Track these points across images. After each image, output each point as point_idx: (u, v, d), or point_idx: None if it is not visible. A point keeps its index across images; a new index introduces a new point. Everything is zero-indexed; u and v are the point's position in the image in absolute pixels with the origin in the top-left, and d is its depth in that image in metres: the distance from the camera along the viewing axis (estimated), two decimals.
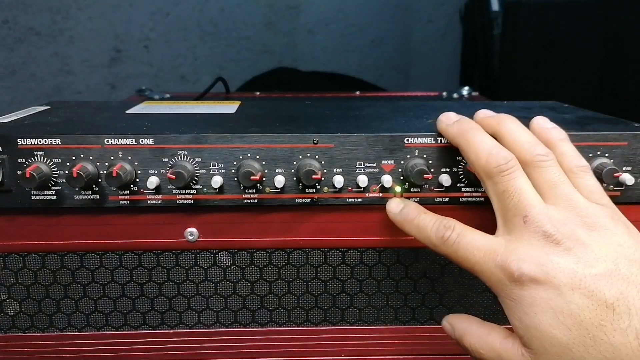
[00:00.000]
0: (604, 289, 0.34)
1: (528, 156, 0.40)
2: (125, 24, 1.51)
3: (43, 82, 1.50)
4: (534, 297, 0.35)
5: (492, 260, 0.37)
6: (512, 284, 0.36)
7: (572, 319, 0.34)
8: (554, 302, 0.35)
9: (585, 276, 0.34)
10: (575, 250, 0.36)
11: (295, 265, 0.50)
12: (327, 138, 0.45)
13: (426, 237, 0.42)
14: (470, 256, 0.39)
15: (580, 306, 0.34)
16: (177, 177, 0.43)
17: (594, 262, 0.35)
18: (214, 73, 1.52)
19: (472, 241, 0.39)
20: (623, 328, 0.33)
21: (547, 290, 0.35)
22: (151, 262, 0.49)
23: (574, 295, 0.34)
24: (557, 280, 0.35)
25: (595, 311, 0.34)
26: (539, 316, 0.35)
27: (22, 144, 0.44)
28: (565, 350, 0.34)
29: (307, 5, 1.59)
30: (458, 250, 0.39)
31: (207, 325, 0.51)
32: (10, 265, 0.48)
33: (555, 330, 0.34)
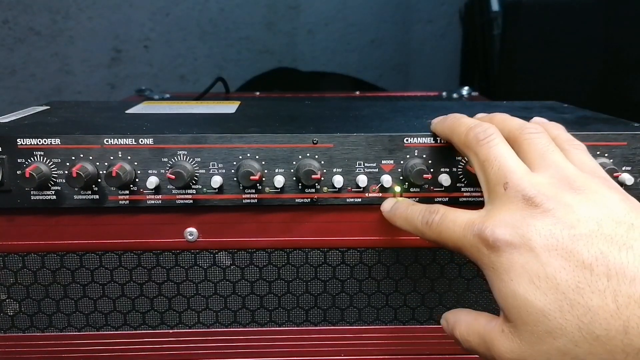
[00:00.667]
0: (582, 250, 0.31)
1: (517, 131, 0.38)
2: (125, 24, 1.51)
3: (43, 82, 1.50)
4: (510, 262, 0.33)
5: (470, 231, 0.35)
6: (489, 251, 0.34)
7: (547, 283, 0.31)
8: (530, 266, 0.32)
9: (563, 237, 0.32)
10: (555, 212, 0.33)
11: (295, 265, 0.50)
12: (326, 138, 0.45)
13: (414, 227, 0.41)
14: (452, 233, 0.37)
15: (556, 268, 0.31)
16: (177, 177, 0.43)
17: (574, 223, 0.32)
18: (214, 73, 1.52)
19: (453, 219, 0.37)
20: (601, 290, 0.30)
21: (522, 253, 0.33)
22: (151, 262, 0.49)
23: (550, 257, 0.32)
24: (532, 242, 0.32)
25: (572, 273, 0.31)
26: (514, 282, 0.33)
27: (21, 144, 0.44)
28: (541, 317, 0.31)
29: (307, 5, 1.59)
30: (441, 231, 0.38)
31: (207, 325, 0.51)
32: (10, 265, 0.48)
33: (531, 296, 0.32)
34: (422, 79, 1.69)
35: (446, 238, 0.38)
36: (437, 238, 0.39)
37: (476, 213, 0.37)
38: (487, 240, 0.34)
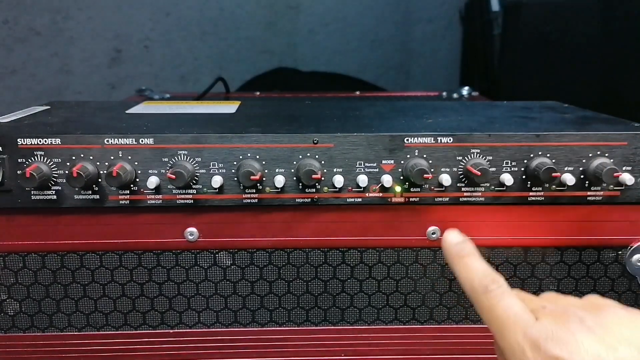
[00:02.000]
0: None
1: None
2: (125, 24, 1.51)
3: (43, 82, 1.50)
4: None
5: (523, 328, 0.37)
6: (536, 357, 0.35)
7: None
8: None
9: (607, 358, 0.34)
10: (596, 330, 0.35)
11: (296, 265, 0.50)
12: (327, 138, 0.45)
13: (469, 279, 0.41)
14: (504, 317, 0.38)
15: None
16: (177, 177, 0.43)
17: (615, 345, 0.35)
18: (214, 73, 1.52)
19: (512, 304, 0.38)
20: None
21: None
22: (151, 262, 0.49)
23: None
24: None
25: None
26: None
27: (22, 143, 0.44)
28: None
29: (307, 5, 1.59)
30: (496, 306, 0.39)
31: (207, 325, 0.51)
32: (10, 265, 0.48)
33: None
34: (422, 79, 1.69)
35: (496, 316, 0.38)
36: (487, 308, 0.39)
37: (528, 313, 0.38)
38: (539, 347, 0.35)
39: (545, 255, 0.50)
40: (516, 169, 0.46)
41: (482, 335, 0.52)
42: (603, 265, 0.50)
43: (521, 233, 0.49)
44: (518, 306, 0.38)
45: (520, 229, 0.49)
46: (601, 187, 0.47)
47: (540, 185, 0.47)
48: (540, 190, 0.47)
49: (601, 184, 0.47)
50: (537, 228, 0.49)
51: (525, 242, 0.49)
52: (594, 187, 0.47)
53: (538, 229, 0.49)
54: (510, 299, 0.39)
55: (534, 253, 0.50)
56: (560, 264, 0.50)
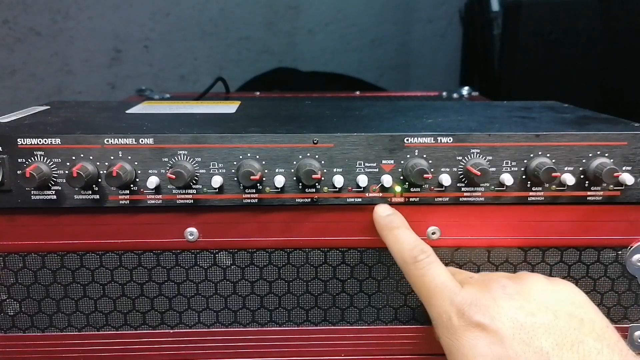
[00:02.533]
0: (541, 338, 0.36)
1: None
2: (125, 24, 1.51)
3: (43, 82, 1.50)
4: (476, 340, 0.37)
5: (449, 296, 0.39)
6: (461, 322, 0.38)
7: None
8: (495, 348, 0.36)
9: (525, 324, 0.37)
10: (516, 297, 0.38)
11: (295, 265, 0.50)
12: (327, 138, 0.45)
13: (399, 251, 0.43)
14: (432, 286, 0.40)
15: (517, 353, 0.36)
16: (177, 177, 0.43)
17: (535, 311, 0.37)
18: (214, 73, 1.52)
19: (439, 273, 0.41)
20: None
21: (490, 336, 0.37)
22: (151, 262, 0.49)
23: (513, 342, 0.36)
24: (500, 325, 0.37)
25: (531, 358, 0.35)
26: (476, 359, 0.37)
27: (22, 143, 0.44)
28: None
29: (307, 5, 1.59)
30: (425, 275, 0.41)
31: (207, 325, 0.51)
32: (11, 265, 0.48)
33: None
34: (422, 79, 1.69)
35: (424, 284, 0.41)
36: (416, 278, 0.42)
37: (456, 283, 0.40)
38: (463, 313, 0.38)
39: (545, 255, 0.50)
40: (516, 169, 0.46)
41: None
42: (603, 265, 0.50)
43: (521, 233, 0.49)
44: (445, 275, 0.41)
45: (520, 229, 0.49)
46: (601, 187, 0.47)
47: (540, 185, 0.47)
48: (540, 190, 0.47)
49: (601, 184, 0.47)
50: (537, 228, 0.49)
51: (525, 242, 0.49)
52: (594, 187, 0.47)
53: (538, 229, 0.49)
54: (438, 269, 0.41)
55: (534, 253, 0.50)
56: (560, 264, 0.50)
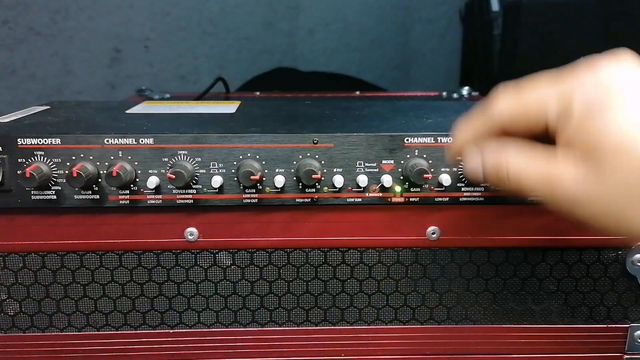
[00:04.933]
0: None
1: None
2: (125, 24, 1.51)
3: (43, 82, 1.50)
4: (626, 97, 0.30)
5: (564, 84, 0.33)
6: (600, 89, 0.31)
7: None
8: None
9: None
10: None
11: (295, 265, 0.50)
12: (327, 138, 0.45)
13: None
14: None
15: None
16: (177, 177, 0.43)
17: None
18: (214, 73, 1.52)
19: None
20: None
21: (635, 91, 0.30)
22: (151, 262, 0.49)
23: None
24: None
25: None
26: (626, 118, 0.29)
27: (22, 143, 0.44)
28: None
29: (307, 5, 1.59)
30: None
31: (207, 325, 0.51)
32: (11, 265, 0.48)
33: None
34: (422, 79, 1.69)
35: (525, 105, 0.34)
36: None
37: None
38: (598, 77, 0.31)
39: (545, 255, 0.50)
40: None
41: (482, 335, 0.52)
42: (603, 265, 0.50)
43: (521, 233, 0.49)
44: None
45: (520, 229, 0.49)
46: None
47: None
48: None
49: None
50: (537, 228, 0.49)
51: (525, 242, 0.49)
52: None
53: (538, 229, 0.49)
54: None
55: (534, 253, 0.50)
56: (560, 264, 0.50)
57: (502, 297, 0.51)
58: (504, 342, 0.52)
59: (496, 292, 0.51)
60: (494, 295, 0.51)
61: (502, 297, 0.51)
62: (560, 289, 0.51)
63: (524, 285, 0.50)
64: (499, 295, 0.51)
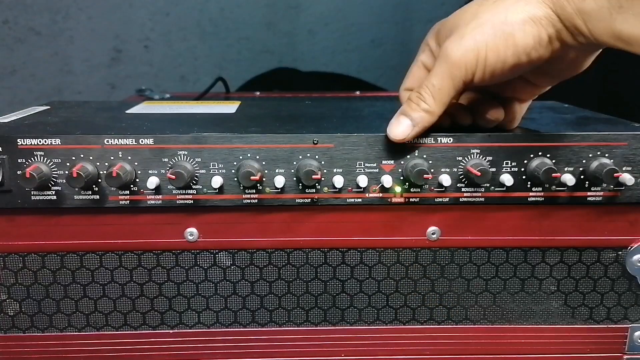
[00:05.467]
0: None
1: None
2: (125, 24, 1.51)
3: (43, 82, 1.50)
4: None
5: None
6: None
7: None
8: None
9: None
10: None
11: (295, 265, 0.50)
12: (327, 138, 0.45)
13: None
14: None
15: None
16: (177, 177, 0.43)
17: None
18: (214, 73, 1.52)
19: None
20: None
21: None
22: (151, 262, 0.49)
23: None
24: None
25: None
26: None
27: (22, 144, 0.44)
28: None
29: (307, 5, 1.59)
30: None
31: (207, 325, 0.51)
32: (10, 265, 0.48)
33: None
34: None
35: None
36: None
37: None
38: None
39: (545, 255, 0.50)
40: (516, 169, 0.46)
41: (482, 335, 0.52)
42: (603, 265, 0.50)
43: (521, 233, 0.49)
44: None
45: (520, 229, 0.49)
46: (601, 188, 0.47)
47: (540, 185, 0.47)
48: (540, 190, 0.47)
49: (601, 184, 0.47)
50: (537, 228, 0.49)
51: (525, 242, 0.49)
52: (594, 188, 0.47)
53: (538, 229, 0.49)
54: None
55: (534, 253, 0.50)
56: (560, 264, 0.50)
57: (502, 297, 0.51)
58: (504, 342, 0.52)
59: (496, 292, 0.51)
60: (494, 295, 0.51)
61: (502, 297, 0.51)
62: (560, 290, 0.51)
63: (524, 285, 0.50)
64: (499, 295, 0.51)
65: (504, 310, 0.51)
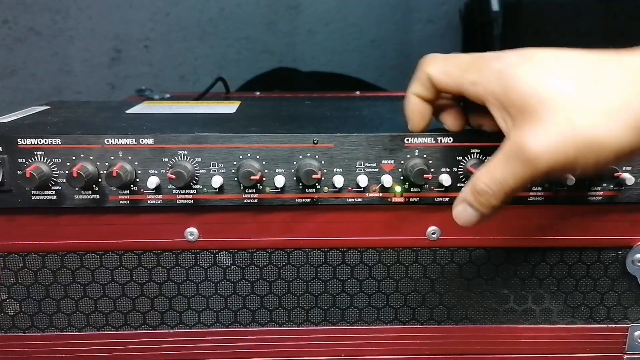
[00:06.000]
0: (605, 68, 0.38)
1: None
2: (125, 24, 1.51)
3: (43, 82, 1.50)
4: (539, 57, 0.42)
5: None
6: (516, 56, 0.41)
7: (569, 66, 0.39)
8: (554, 59, 0.41)
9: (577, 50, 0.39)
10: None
11: (296, 265, 0.50)
12: (327, 138, 0.45)
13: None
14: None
15: (576, 57, 0.40)
16: (177, 177, 0.43)
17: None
18: (214, 73, 1.52)
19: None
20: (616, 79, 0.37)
21: (548, 52, 0.41)
22: (151, 262, 0.49)
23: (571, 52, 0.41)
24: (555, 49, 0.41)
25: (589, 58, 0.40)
26: (539, 73, 0.40)
27: (22, 144, 0.44)
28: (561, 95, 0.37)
29: (307, 5, 1.59)
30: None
31: (207, 325, 0.51)
32: (10, 265, 0.48)
33: (553, 79, 0.39)
34: None
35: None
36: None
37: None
38: (512, 51, 0.41)
39: (545, 255, 0.50)
40: None
41: (482, 335, 0.52)
42: (603, 265, 0.50)
43: (521, 233, 0.49)
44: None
45: (520, 229, 0.49)
46: (601, 187, 0.47)
47: (540, 185, 0.47)
48: (540, 190, 0.47)
49: (601, 184, 0.47)
50: (537, 228, 0.49)
51: (525, 242, 0.49)
52: (594, 187, 0.47)
53: (538, 229, 0.49)
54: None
55: (534, 253, 0.50)
56: (560, 264, 0.50)
57: (502, 297, 0.51)
58: (504, 342, 0.52)
59: (496, 292, 0.51)
60: (493, 295, 0.51)
61: (502, 297, 0.51)
62: (561, 289, 0.51)
63: (524, 285, 0.50)
64: (498, 295, 0.51)
65: (504, 310, 0.51)
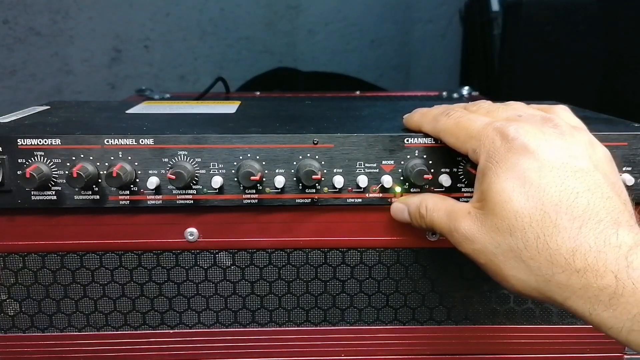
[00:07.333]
0: (576, 181, 0.35)
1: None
2: (125, 24, 1.51)
3: (43, 82, 1.50)
4: (515, 163, 0.36)
5: (492, 127, 0.39)
6: (503, 144, 0.37)
7: (536, 192, 0.35)
8: (529, 173, 0.36)
9: (567, 164, 0.36)
10: (567, 137, 0.37)
11: (295, 265, 0.50)
12: (327, 138, 0.45)
13: (431, 118, 0.44)
14: (471, 124, 0.40)
15: (549, 183, 0.35)
16: (177, 177, 0.43)
17: (577, 154, 0.37)
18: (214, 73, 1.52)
19: (474, 118, 0.41)
20: (575, 216, 0.34)
21: (529, 160, 0.36)
22: (151, 262, 0.49)
23: (550, 173, 0.35)
24: (545, 155, 0.36)
25: (559, 194, 0.35)
26: (509, 180, 0.36)
27: (22, 144, 0.44)
28: (512, 216, 0.35)
29: (307, 5, 1.59)
30: (459, 122, 0.41)
31: (207, 325, 0.51)
32: (10, 265, 0.48)
33: (515, 197, 0.35)
34: (422, 79, 1.69)
35: (463, 127, 0.41)
36: (452, 126, 0.41)
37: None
38: (507, 136, 0.37)
39: None
40: None
41: (482, 335, 0.52)
42: None
43: None
44: (482, 117, 0.41)
45: None
46: None
47: None
48: None
49: None
50: None
51: None
52: None
53: None
54: (473, 114, 0.42)
55: None
56: None
57: (502, 297, 0.51)
58: (504, 342, 0.52)
59: (496, 292, 0.51)
60: (493, 295, 0.51)
61: (502, 297, 0.51)
62: None
63: None
64: (499, 295, 0.51)
65: (504, 310, 0.51)
